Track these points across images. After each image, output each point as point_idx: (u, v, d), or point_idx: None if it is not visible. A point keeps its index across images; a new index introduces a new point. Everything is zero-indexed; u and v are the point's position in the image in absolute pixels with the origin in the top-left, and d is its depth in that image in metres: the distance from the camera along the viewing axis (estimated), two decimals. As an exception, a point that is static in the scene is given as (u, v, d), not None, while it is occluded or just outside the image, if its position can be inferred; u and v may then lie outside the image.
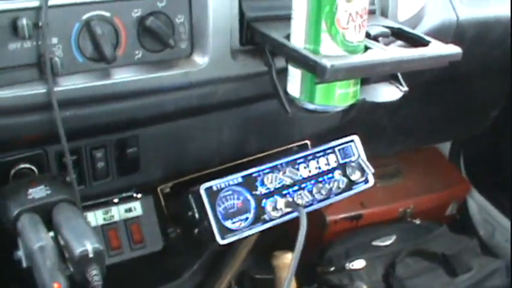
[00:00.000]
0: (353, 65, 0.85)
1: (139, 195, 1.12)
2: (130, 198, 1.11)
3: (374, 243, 1.86)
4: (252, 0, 0.98)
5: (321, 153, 1.15)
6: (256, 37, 0.97)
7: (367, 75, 0.97)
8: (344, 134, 1.24)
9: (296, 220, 1.04)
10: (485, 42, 1.57)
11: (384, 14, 1.17)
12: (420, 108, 1.81)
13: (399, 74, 1.10)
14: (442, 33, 1.44)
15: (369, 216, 1.97)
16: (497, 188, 2.28)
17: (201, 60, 0.96)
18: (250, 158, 1.18)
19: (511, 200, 2.21)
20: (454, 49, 0.96)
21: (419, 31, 1.29)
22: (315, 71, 0.83)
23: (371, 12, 1.13)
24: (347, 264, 1.76)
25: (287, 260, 1.41)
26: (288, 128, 1.22)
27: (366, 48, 0.92)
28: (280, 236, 1.31)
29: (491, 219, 2.30)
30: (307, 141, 1.26)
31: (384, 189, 2.06)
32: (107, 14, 0.88)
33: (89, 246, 0.77)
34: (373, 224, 1.96)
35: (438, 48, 0.97)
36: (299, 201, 1.10)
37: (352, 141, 1.19)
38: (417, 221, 2.01)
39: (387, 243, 1.87)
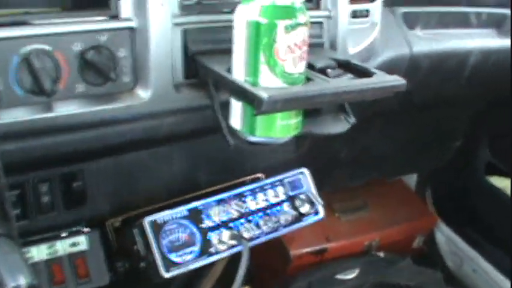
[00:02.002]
0: (291, 95, 0.85)
1: (85, 229, 1.11)
2: (76, 233, 1.10)
3: (337, 276, 1.85)
4: (196, 33, 0.99)
5: (269, 186, 1.15)
6: (199, 70, 0.97)
7: (307, 107, 0.97)
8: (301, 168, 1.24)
9: (260, 254, 1.03)
10: (439, 74, 1.58)
11: (333, 47, 1.18)
12: (380, 140, 1.82)
13: (346, 106, 1.10)
14: (396, 65, 1.45)
15: (334, 250, 1.96)
16: (464, 219, 2.30)
17: (143, 93, 0.96)
18: (202, 191, 1.17)
19: (478, 232, 2.22)
20: (397, 80, 0.97)
21: (372, 64, 1.31)
22: (253, 102, 0.84)
23: (320, 45, 1.14)
24: (309, 298, 1.75)
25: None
26: (241, 162, 1.22)
27: (309, 80, 0.92)
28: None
29: (458, 250, 2.31)
30: (261, 175, 1.26)
31: (350, 222, 2.06)
32: (48, 48, 0.88)
33: (22, 281, 0.76)
34: (337, 257, 1.95)
35: (382, 79, 0.97)
36: (245, 234, 1.10)
37: (301, 173, 1.19)
38: (381, 254, 2.01)
39: (351, 276, 1.86)
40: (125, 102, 0.95)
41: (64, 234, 1.09)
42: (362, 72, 1.02)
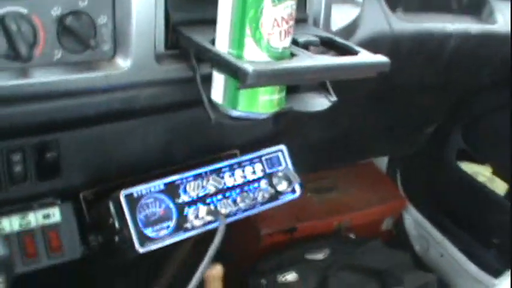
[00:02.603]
0: (277, 70, 0.84)
1: (58, 202, 1.08)
2: (49, 205, 1.07)
3: (307, 256, 1.85)
4: (179, 2, 0.96)
5: (247, 162, 1.14)
6: (181, 41, 0.95)
7: (291, 82, 0.96)
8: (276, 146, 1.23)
9: (231, 232, 1.02)
10: (420, 57, 1.58)
11: (316, 23, 1.16)
12: (356, 123, 1.81)
13: (328, 84, 1.09)
14: (377, 45, 1.44)
15: (304, 230, 1.96)
16: (433, 204, 2.31)
17: (123, 63, 0.93)
18: (177, 166, 1.15)
19: (446, 216, 2.24)
20: (382, 59, 0.96)
21: (353, 42, 1.30)
22: (237, 75, 0.82)
23: (303, 21, 1.12)
24: (279, 277, 1.74)
25: (216, 272, 1.39)
26: (216, 137, 1.20)
27: (293, 55, 0.91)
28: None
29: (426, 234, 2.33)
30: (236, 151, 1.24)
31: (320, 203, 2.07)
32: (24, 11, 0.84)
33: (-7, 251, 0.73)
34: (307, 237, 1.95)
35: (366, 57, 0.96)
36: (223, 210, 1.08)
37: (280, 150, 1.17)
38: (352, 235, 2.01)
39: (320, 256, 1.86)
40: (104, 71, 0.92)
41: (36, 206, 1.06)
42: (345, 50, 1.01)
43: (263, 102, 0.90)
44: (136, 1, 0.91)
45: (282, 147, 1.18)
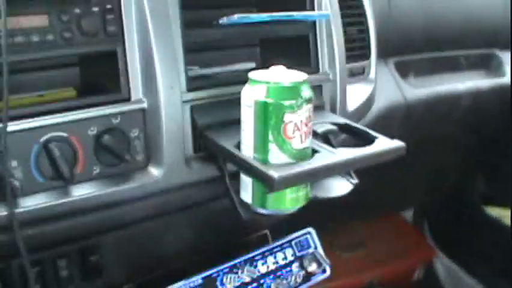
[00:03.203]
0: (301, 173, 0.89)
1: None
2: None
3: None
4: (204, 108, 1.03)
5: (278, 248, 1.19)
6: (208, 145, 1.01)
7: (315, 180, 1.02)
8: (302, 218, 1.28)
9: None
10: (433, 119, 1.63)
11: (333, 107, 1.22)
12: (377, 182, 1.85)
13: (349, 168, 1.14)
14: (392, 114, 1.50)
15: (337, 290, 1.99)
16: (463, 249, 2.33)
17: (156, 171, 1.00)
18: (212, 254, 1.21)
19: (477, 261, 2.26)
20: (398, 144, 1.01)
21: (370, 116, 1.36)
22: (264, 181, 0.87)
23: (320, 108, 1.18)
24: None
25: None
26: (246, 222, 1.26)
27: (314, 152, 0.96)
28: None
29: (458, 281, 2.34)
30: (267, 231, 1.30)
31: (349, 260, 2.10)
32: (64, 135, 0.92)
33: None
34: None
35: (383, 145, 1.01)
36: (258, 298, 1.13)
37: (308, 233, 1.22)
38: (383, 291, 2.05)
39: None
40: (139, 181, 0.98)
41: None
42: (362, 136, 1.06)
43: (290, 200, 0.95)
44: (164, 113, 0.98)
45: (311, 229, 1.23)
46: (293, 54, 1.17)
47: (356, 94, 1.31)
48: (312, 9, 1.18)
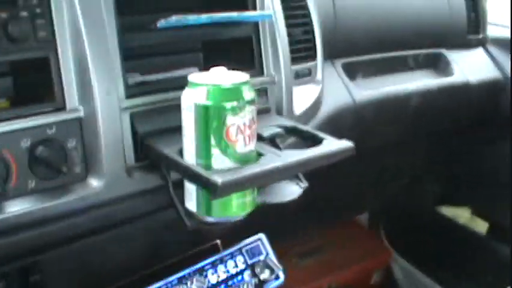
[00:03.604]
0: (246, 177, 0.86)
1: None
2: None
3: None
4: (144, 115, 0.99)
5: (229, 256, 1.15)
6: (150, 153, 0.97)
7: (262, 185, 0.98)
8: (255, 226, 1.24)
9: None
10: (383, 120, 1.62)
11: (279, 111, 1.19)
12: (330, 186, 1.83)
13: (298, 171, 1.11)
14: (341, 117, 1.48)
15: (295, 298, 1.96)
16: (419, 250, 2.33)
17: (96, 182, 0.95)
18: (162, 265, 1.17)
19: (434, 261, 2.26)
20: (346, 145, 0.99)
21: (319, 119, 1.33)
22: (207, 187, 0.84)
23: (266, 111, 1.15)
24: None
25: None
26: (196, 232, 1.22)
27: (260, 155, 0.93)
28: None
29: (416, 281, 2.34)
30: (218, 241, 1.26)
31: (306, 267, 2.08)
32: (-5, 148, 0.87)
33: None
34: (299, 305, 1.96)
35: (331, 146, 0.99)
36: (209, 309, 1.09)
37: (259, 239, 1.19)
38: (340, 297, 2.03)
39: (314, 324, 1.87)
40: (78, 193, 0.94)
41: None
42: (310, 138, 1.04)
43: (236, 206, 0.92)
44: (102, 122, 0.93)
45: (261, 236, 1.20)
46: (237, 58, 1.14)
47: (303, 96, 1.28)
48: (254, 10, 1.15)
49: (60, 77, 0.93)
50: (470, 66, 1.86)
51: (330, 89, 1.43)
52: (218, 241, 1.27)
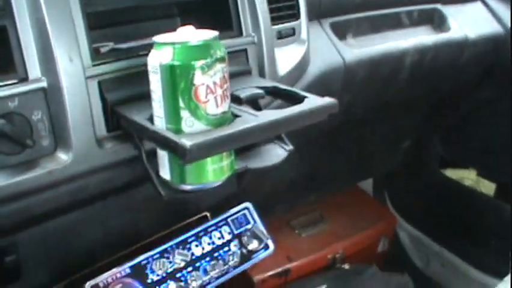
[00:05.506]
0: (218, 139, 0.80)
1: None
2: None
3: (305, 297, 1.81)
4: (113, 83, 0.93)
5: (214, 227, 1.11)
6: (121, 122, 0.92)
7: (237, 147, 0.93)
8: (250, 198, 1.20)
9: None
10: (377, 80, 1.56)
11: (261, 72, 1.14)
12: (329, 154, 1.79)
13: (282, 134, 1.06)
14: (331, 78, 1.42)
15: (298, 269, 1.92)
16: (425, 215, 2.29)
17: (65, 155, 0.90)
18: (146, 241, 1.12)
19: (439, 225, 2.21)
20: (329, 101, 0.93)
21: (306, 80, 1.28)
22: (177, 152, 0.79)
23: (247, 73, 1.10)
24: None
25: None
26: (181, 205, 1.17)
27: (236, 116, 0.88)
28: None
29: (423, 247, 2.30)
30: (207, 213, 1.21)
31: (310, 238, 2.03)
32: (-47, 123, 0.82)
33: None
34: (302, 276, 1.91)
35: (312, 103, 0.93)
36: (193, 284, 1.04)
37: (246, 208, 1.14)
38: (346, 266, 1.97)
39: (318, 294, 1.83)
40: (45, 168, 0.89)
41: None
42: (291, 97, 0.98)
43: (212, 172, 0.87)
44: (67, 91, 0.88)
45: (248, 204, 1.15)
46: (214, 20, 1.08)
47: (287, 57, 1.22)
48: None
49: (20, 46, 0.87)
50: (468, 21, 1.78)
51: (317, 49, 1.37)
52: (207, 213, 1.21)
